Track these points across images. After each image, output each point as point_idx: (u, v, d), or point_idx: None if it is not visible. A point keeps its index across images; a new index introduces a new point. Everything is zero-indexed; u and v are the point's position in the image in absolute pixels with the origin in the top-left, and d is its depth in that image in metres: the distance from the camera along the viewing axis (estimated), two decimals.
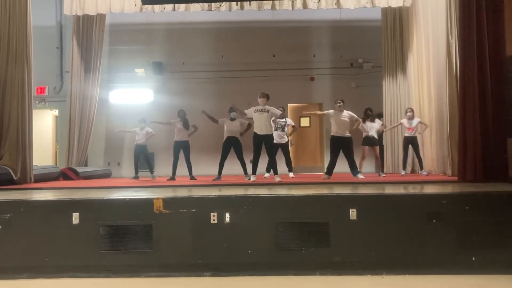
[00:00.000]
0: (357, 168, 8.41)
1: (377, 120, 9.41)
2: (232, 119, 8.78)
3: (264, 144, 8.09)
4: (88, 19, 11.71)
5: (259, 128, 8.03)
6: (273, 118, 8.47)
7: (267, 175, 9.52)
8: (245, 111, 8.15)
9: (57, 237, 4.55)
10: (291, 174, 9.57)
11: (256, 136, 8.07)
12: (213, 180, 8.39)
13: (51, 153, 13.74)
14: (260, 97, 8.05)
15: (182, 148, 9.26)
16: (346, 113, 8.31)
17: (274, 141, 8.62)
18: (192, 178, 9.15)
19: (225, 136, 8.81)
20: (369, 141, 9.24)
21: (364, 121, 9.06)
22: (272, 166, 8.31)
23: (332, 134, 8.42)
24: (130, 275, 4.46)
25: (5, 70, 7.70)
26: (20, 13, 7.89)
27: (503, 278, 4.25)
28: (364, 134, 9.21)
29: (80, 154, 11.67)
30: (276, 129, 9.12)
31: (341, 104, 8.33)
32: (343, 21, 12.38)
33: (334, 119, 8.32)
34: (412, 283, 4.20)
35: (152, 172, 10.19)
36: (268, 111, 7.99)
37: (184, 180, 8.60)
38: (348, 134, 8.30)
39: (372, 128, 9.21)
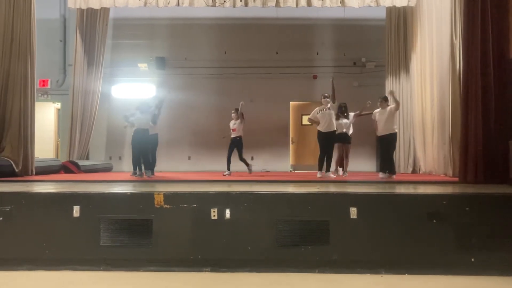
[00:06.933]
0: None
1: (350, 114, 9.02)
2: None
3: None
4: (92, 13, 11.72)
5: (324, 125, 8.14)
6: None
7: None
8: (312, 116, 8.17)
9: (57, 230, 4.56)
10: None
11: (321, 134, 8.21)
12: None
13: (52, 146, 13.77)
14: (323, 98, 8.20)
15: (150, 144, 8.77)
16: (388, 109, 8.13)
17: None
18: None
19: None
20: (340, 138, 8.74)
21: (337, 118, 8.67)
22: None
23: (380, 134, 8.19)
24: (130, 269, 4.47)
25: (8, 63, 7.73)
26: (24, 6, 7.90)
27: (502, 280, 4.25)
28: (337, 131, 8.54)
29: (82, 147, 11.69)
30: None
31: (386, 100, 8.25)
32: (347, 19, 12.38)
33: (381, 117, 8.11)
34: (411, 283, 4.20)
35: (141, 169, 9.77)
36: (329, 108, 8.13)
37: (186, 175, 8.61)
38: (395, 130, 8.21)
39: (346, 124, 8.86)
